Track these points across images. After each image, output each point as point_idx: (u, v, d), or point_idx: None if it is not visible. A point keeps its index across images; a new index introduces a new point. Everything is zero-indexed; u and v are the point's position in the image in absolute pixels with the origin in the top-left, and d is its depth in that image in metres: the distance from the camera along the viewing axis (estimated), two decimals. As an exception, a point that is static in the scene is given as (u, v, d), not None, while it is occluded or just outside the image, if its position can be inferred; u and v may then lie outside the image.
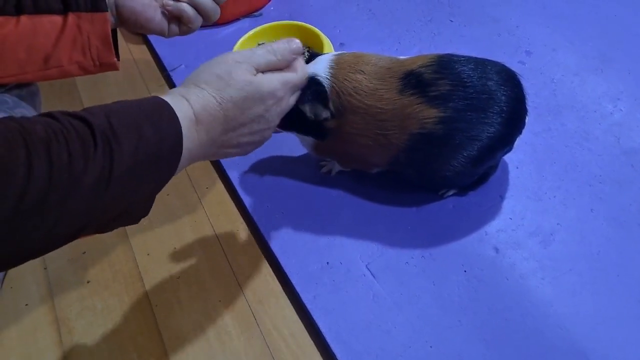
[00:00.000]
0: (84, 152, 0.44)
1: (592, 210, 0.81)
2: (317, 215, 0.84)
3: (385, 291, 0.75)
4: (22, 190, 0.40)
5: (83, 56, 0.68)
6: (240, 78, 0.57)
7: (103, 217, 0.48)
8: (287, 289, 0.78)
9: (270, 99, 0.60)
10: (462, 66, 0.71)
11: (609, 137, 0.90)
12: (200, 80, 0.57)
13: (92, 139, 0.45)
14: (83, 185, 0.43)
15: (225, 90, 0.56)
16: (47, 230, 0.43)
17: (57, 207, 0.42)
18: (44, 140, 0.42)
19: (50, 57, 0.67)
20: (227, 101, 0.56)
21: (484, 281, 0.74)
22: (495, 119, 0.71)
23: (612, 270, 0.74)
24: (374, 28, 1.19)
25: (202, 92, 0.55)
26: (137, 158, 0.47)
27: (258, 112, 0.59)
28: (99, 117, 0.47)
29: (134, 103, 0.51)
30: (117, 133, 0.46)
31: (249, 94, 0.57)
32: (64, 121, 0.45)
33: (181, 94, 0.55)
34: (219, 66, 0.58)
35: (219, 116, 0.56)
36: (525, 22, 1.14)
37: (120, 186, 0.47)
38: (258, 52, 0.60)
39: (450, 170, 0.75)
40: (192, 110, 0.54)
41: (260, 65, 0.60)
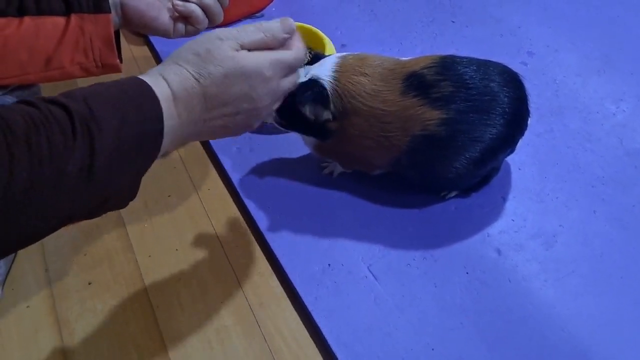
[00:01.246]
0: (64, 140, 0.43)
1: (595, 211, 0.80)
2: (319, 217, 0.84)
3: (387, 293, 0.74)
4: (5, 185, 0.39)
5: (85, 57, 0.68)
6: (221, 54, 0.54)
7: (90, 205, 0.47)
8: (288, 291, 0.78)
9: (255, 78, 0.57)
10: (464, 67, 0.71)
11: (612, 138, 0.90)
12: (180, 58, 0.55)
13: (71, 126, 0.44)
14: (66, 174, 0.42)
15: (203, 66, 0.54)
16: (34, 222, 0.43)
17: (42, 199, 0.42)
18: (24, 131, 0.41)
19: (52, 58, 0.67)
20: (205, 78, 0.54)
21: (486, 283, 0.74)
22: (497, 121, 0.70)
23: (615, 272, 0.74)
24: (376, 29, 1.18)
25: (180, 70, 0.53)
26: (119, 143, 0.46)
27: (243, 90, 0.56)
28: (78, 101, 0.45)
29: (114, 85, 0.50)
30: (97, 118, 0.45)
31: (229, 70, 0.55)
32: (43, 108, 0.44)
33: (160, 73, 0.53)
34: (200, 44, 0.55)
35: (197, 94, 0.54)
36: (528, 22, 1.14)
37: (104, 172, 0.45)
38: (246, 29, 0.57)
39: (453, 172, 0.74)
40: (169, 90, 0.52)
41: (245, 42, 0.56)
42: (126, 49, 1.24)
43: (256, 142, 0.96)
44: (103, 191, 0.47)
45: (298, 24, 1.08)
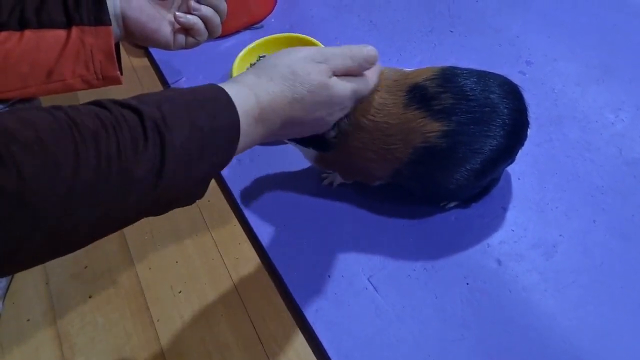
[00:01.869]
0: (133, 143, 0.43)
1: (595, 221, 0.80)
2: (319, 228, 0.84)
3: (388, 304, 0.74)
4: (70, 184, 0.39)
5: (86, 70, 0.68)
6: (317, 79, 0.55)
7: (154, 206, 0.47)
8: (289, 303, 0.78)
9: (338, 105, 0.59)
10: (465, 79, 0.71)
11: (611, 147, 0.90)
12: (275, 74, 0.54)
13: (142, 129, 0.44)
14: (133, 177, 0.42)
15: (298, 89, 0.54)
16: (97, 222, 0.43)
17: (107, 200, 0.42)
18: (92, 131, 0.41)
19: (53, 71, 0.67)
20: (297, 102, 0.54)
21: (487, 293, 0.74)
22: (497, 132, 0.71)
23: (615, 282, 0.73)
24: (375, 39, 1.19)
25: (274, 87, 0.53)
26: (189, 148, 0.46)
27: (322, 115, 0.58)
28: (150, 105, 0.46)
29: (189, 91, 0.50)
30: (168, 122, 0.45)
31: (321, 98, 0.56)
32: (113, 110, 0.44)
33: (250, 86, 0.53)
34: (296, 62, 0.55)
35: (284, 114, 0.54)
36: (526, 32, 1.14)
37: (172, 176, 0.45)
38: (336, 54, 0.58)
39: (454, 183, 0.74)
40: (257, 106, 0.52)
41: (337, 69, 0.58)
42: (126, 60, 1.25)
43: (256, 152, 0.96)
44: (170, 194, 0.47)
45: (298, 35, 1.09)
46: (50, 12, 0.65)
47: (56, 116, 0.41)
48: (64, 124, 0.41)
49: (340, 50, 0.59)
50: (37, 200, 0.38)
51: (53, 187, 0.38)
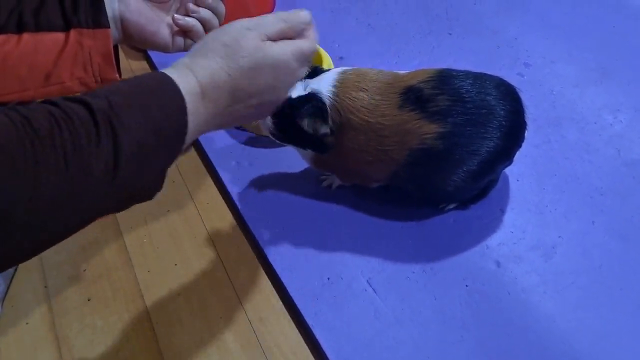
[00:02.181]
0: (87, 138, 0.42)
1: (594, 222, 0.80)
2: (318, 230, 0.84)
3: (387, 307, 0.74)
4: (34, 185, 0.39)
5: (84, 72, 0.68)
6: (250, 45, 0.54)
7: (117, 200, 0.47)
8: (288, 306, 0.78)
9: (282, 69, 0.57)
10: (461, 81, 0.71)
11: (610, 148, 0.90)
12: (207, 49, 0.54)
13: (93, 122, 0.43)
14: (92, 171, 0.42)
15: (233, 58, 0.53)
16: (64, 220, 0.43)
17: (71, 197, 0.42)
18: (47, 129, 0.41)
19: (51, 73, 0.66)
20: (235, 70, 0.53)
21: (486, 296, 0.74)
22: (494, 134, 0.71)
23: (614, 284, 0.73)
24: (373, 42, 1.19)
25: (209, 62, 0.53)
26: (142, 138, 0.46)
27: (268, 82, 0.56)
28: (100, 98, 0.45)
29: (135, 81, 0.50)
30: (118, 113, 0.45)
31: (259, 62, 0.54)
32: (63, 106, 0.43)
33: (186, 66, 0.53)
34: (226, 34, 0.54)
35: (226, 87, 0.53)
36: (524, 34, 1.15)
37: (129, 167, 0.45)
38: (268, 19, 0.57)
39: (451, 185, 0.74)
40: (197, 83, 0.52)
41: (270, 32, 0.56)
42: (125, 63, 1.25)
43: (255, 155, 0.96)
44: (129, 187, 0.47)
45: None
46: (48, 15, 0.65)
47: (11, 117, 0.41)
48: (19, 125, 0.40)
49: (271, 15, 0.58)
50: (3, 203, 0.38)
51: (16, 189, 0.38)
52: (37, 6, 0.64)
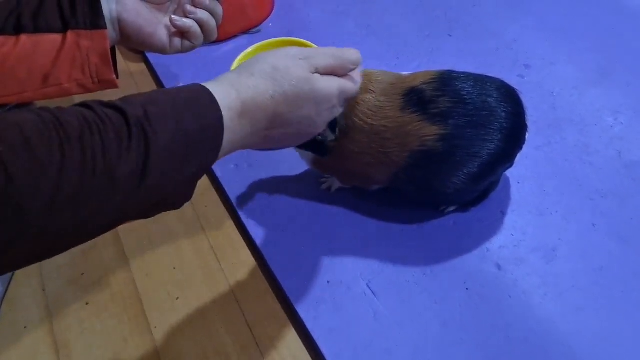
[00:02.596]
0: (118, 143, 0.42)
1: (594, 225, 0.80)
2: (317, 233, 0.84)
3: (387, 310, 0.74)
4: (56, 184, 0.39)
5: (82, 74, 0.68)
6: (298, 73, 0.54)
7: (141, 207, 0.47)
8: (287, 309, 0.77)
9: (324, 104, 0.58)
10: (462, 83, 0.71)
11: (610, 150, 0.90)
12: (256, 69, 0.54)
13: (126, 129, 0.43)
14: (118, 176, 0.42)
15: (280, 82, 0.54)
16: (84, 223, 0.42)
17: (93, 200, 0.41)
18: (77, 132, 0.41)
19: (49, 75, 0.67)
20: (279, 95, 0.54)
21: (486, 298, 0.74)
22: (495, 136, 0.70)
23: (615, 286, 0.73)
24: (373, 43, 1.19)
25: (255, 81, 0.53)
26: (174, 147, 0.46)
27: (309, 114, 0.57)
28: (135, 105, 0.45)
29: (174, 91, 0.50)
30: (152, 122, 0.45)
31: (304, 93, 0.55)
32: (98, 111, 0.44)
33: (231, 83, 0.53)
34: (278, 59, 0.55)
35: (267, 110, 0.54)
36: (524, 35, 1.14)
37: (157, 175, 0.45)
38: (320, 52, 0.58)
39: (451, 187, 0.74)
40: (239, 101, 0.52)
41: (319, 66, 0.57)
42: (123, 65, 1.25)
43: (254, 158, 0.96)
44: (156, 194, 0.46)
45: (295, 40, 1.09)
46: (46, 16, 0.65)
47: (42, 117, 0.41)
48: (50, 124, 0.41)
49: (323, 49, 0.59)
50: (24, 200, 0.38)
51: (39, 187, 0.38)
52: (35, 8, 0.65)
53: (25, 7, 0.65)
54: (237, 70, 0.55)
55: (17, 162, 0.37)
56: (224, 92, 0.51)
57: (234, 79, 0.53)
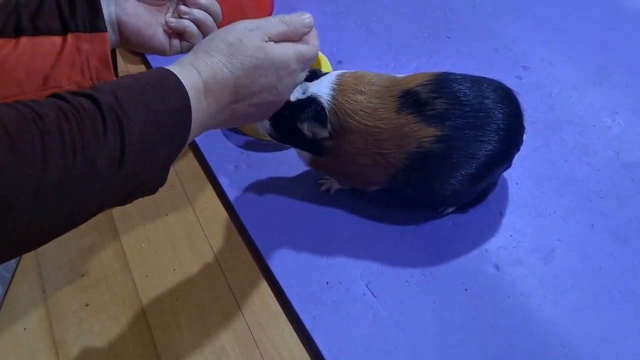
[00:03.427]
0: (94, 131, 0.43)
1: (593, 225, 0.80)
2: (316, 234, 0.84)
3: (386, 311, 0.74)
4: (41, 176, 0.40)
5: (82, 76, 0.67)
6: (252, 44, 0.55)
7: (121, 192, 0.48)
8: (286, 310, 0.77)
9: (283, 70, 0.58)
10: (459, 85, 0.71)
11: (609, 151, 0.90)
12: (210, 47, 0.55)
13: (100, 116, 0.44)
14: (98, 164, 0.43)
15: (235, 56, 0.54)
16: (68, 212, 0.43)
17: (76, 189, 0.42)
18: (55, 122, 0.42)
19: (49, 77, 0.66)
20: (237, 68, 0.54)
21: (485, 299, 0.74)
22: (492, 137, 0.70)
23: (614, 287, 0.73)
24: (372, 45, 1.19)
25: (212, 59, 0.54)
26: (147, 131, 0.47)
27: (270, 82, 0.58)
28: (106, 92, 0.46)
29: (140, 76, 0.50)
30: (124, 108, 0.46)
31: (261, 61, 0.56)
32: (72, 100, 0.44)
33: (190, 62, 0.54)
34: (229, 33, 0.56)
35: (228, 84, 0.55)
36: (522, 36, 1.14)
37: (134, 161, 0.46)
38: (270, 21, 0.58)
39: (449, 189, 0.74)
40: (200, 79, 0.53)
41: (272, 34, 0.57)
42: (122, 67, 1.25)
43: (253, 159, 0.96)
44: (133, 180, 0.48)
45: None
46: (46, 19, 0.64)
47: (20, 110, 0.42)
48: (29, 117, 0.41)
49: (274, 18, 0.59)
50: (9, 193, 0.38)
51: (24, 179, 0.39)
52: (34, 10, 0.64)
53: (24, 8, 0.64)
54: (193, 50, 0.56)
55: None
56: (186, 73, 0.52)
57: (192, 59, 0.54)
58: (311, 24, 0.62)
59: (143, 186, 0.50)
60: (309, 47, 0.61)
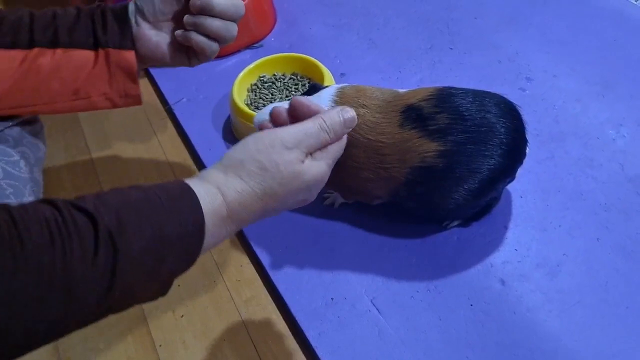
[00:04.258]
0: (82, 258, 0.40)
1: (599, 239, 0.80)
2: (321, 249, 0.84)
3: (391, 327, 0.74)
4: (10, 293, 0.37)
5: (110, 88, 0.71)
6: (288, 170, 0.52)
7: (107, 311, 0.45)
8: (291, 326, 0.77)
9: (316, 185, 0.56)
10: (461, 99, 0.71)
11: (613, 164, 0.89)
12: (243, 169, 0.51)
13: (94, 240, 0.41)
14: (77, 293, 0.40)
15: (269, 184, 0.51)
16: (44, 329, 0.40)
17: (50, 312, 0.39)
18: (36, 245, 0.39)
19: (80, 89, 0.70)
20: (269, 196, 0.52)
21: (491, 315, 0.73)
22: (495, 151, 0.70)
23: (621, 302, 0.73)
24: (375, 57, 1.19)
25: (243, 186, 0.50)
26: (147, 258, 0.44)
27: (299, 199, 0.56)
28: (109, 211, 0.43)
29: (155, 190, 0.47)
30: (126, 231, 0.42)
31: (294, 187, 0.53)
32: (66, 215, 0.41)
33: (217, 184, 0.50)
34: (265, 153, 0.52)
35: (255, 209, 0.52)
36: (525, 48, 1.14)
37: (124, 288, 0.43)
38: (311, 132, 0.54)
39: (452, 203, 0.74)
40: (225, 207, 0.49)
41: (312, 147, 0.55)
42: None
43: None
44: (124, 300, 0.45)
45: (297, 55, 1.09)
46: (81, 32, 0.68)
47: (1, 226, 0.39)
48: (5, 230, 0.38)
49: (313, 125, 0.55)
50: None
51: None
52: (71, 24, 0.68)
53: (61, 21, 0.68)
54: (223, 167, 0.52)
55: None
56: (210, 196, 0.49)
57: (220, 179, 0.51)
58: (352, 122, 0.59)
59: (137, 302, 0.47)
60: (340, 147, 0.59)
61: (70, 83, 0.69)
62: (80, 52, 0.68)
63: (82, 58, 0.68)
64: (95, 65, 0.69)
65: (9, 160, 0.74)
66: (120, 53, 0.68)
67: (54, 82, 0.68)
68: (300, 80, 1.08)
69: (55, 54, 0.67)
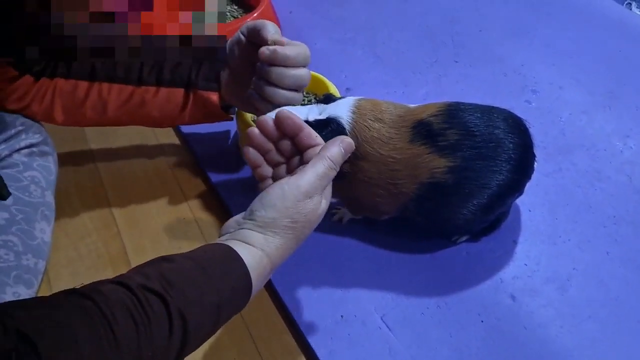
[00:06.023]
0: (161, 336, 0.47)
1: (608, 253, 0.80)
2: (330, 266, 0.84)
3: (402, 344, 0.73)
4: None
5: (203, 118, 0.88)
6: (315, 215, 0.60)
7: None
8: (302, 345, 0.77)
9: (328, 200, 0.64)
10: (469, 115, 0.72)
11: (621, 176, 0.89)
12: (278, 227, 0.58)
13: (168, 322, 0.48)
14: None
15: (300, 230, 0.59)
16: None
17: None
18: (126, 335, 0.45)
19: (176, 119, 0.87)
20: (301, 240, 0.60)
21: (502, 331, 0.73)
22: (503, 167, 0.71)
23: (632, 316, 0.73)
24: (380, 71, 1.19)
25: (281, 241, 0.58)
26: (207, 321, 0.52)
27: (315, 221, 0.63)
28: (177, 292, 0.49)
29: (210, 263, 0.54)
30: (193, 307, 0.50)
31: (315, 222, 0.61)
32: (142, 299, 0.47)
33: (261, 246, 0.57)
34: (293, 208, 0.58)
35: (291, 252, 0.61)
36: (530, 60, 1.15)
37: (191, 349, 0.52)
38: (322, 174, 0.60)
39: (461, 219, 0.74)
40: (269, 265, 0.58)
41: (325, 187, 0.62)
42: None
43: (265, 190, 0.96)
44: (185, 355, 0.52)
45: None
46: (181, 74, 0.83)
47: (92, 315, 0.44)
48: (97, 320, 0.44)
49: (323, 166, 0.60)
50: None
51: None
52: (174, 66, 0.83)
53: (167, 63, 0.83)
54: (261, 229, 0.58)
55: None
56: (256, 260, 0.57)
57: (262, 243, 0.58)
58: (352, 148, 0.64)
59: None
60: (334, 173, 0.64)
61: (168, 115, 0.86)
62: (177, 90, 0.84)
63: (178, 96, 0.84)
64: (188, 102, 0.84)
65: (18, 186, 0.75)
66: (208, 94, 0.83)
67: (155, 113, 0.85)
68: (306, 97, 1.08)
69: (159, 92, 0.83)
